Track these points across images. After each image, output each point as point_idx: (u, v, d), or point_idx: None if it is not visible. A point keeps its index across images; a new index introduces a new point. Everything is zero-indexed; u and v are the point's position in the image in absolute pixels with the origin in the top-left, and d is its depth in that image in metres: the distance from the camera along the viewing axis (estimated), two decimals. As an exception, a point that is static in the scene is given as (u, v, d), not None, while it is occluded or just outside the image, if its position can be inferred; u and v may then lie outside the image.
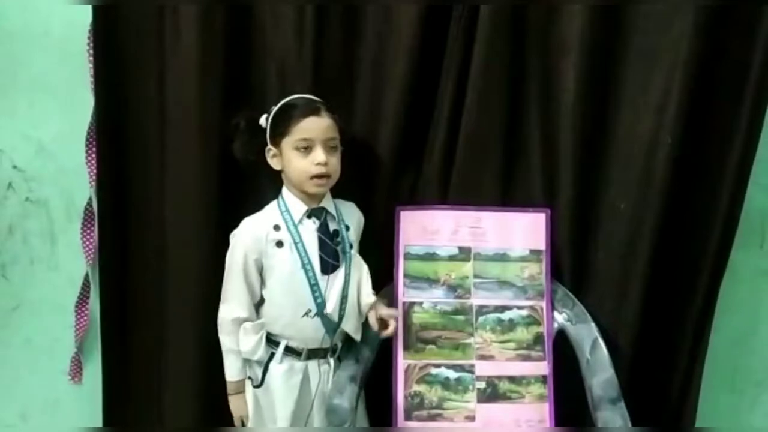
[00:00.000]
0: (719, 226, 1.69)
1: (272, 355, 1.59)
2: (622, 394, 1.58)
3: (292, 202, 1.58)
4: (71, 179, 1.78)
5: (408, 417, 1.64)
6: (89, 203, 1.77)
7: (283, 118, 1.55)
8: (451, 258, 1.69)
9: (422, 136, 1.71)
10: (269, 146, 1.57)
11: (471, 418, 1.64)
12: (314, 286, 1.55)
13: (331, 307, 1.56)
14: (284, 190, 1.60)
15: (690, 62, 1.59)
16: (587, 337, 1.64)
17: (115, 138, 1.72)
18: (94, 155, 1.73)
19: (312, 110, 1.54)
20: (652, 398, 1.76)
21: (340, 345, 1.63)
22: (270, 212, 1.59)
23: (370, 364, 1.63)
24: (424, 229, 1.69)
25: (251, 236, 1.56)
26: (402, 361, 1.65)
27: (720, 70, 1.62)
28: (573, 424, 1.65)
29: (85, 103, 1.70)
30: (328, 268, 1.57)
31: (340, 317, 1.58)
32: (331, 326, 1.58)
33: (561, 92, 1.66)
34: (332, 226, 1.59)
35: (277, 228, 1.56)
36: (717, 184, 1.68)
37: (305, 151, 1.53)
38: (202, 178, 1.68)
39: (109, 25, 1.66)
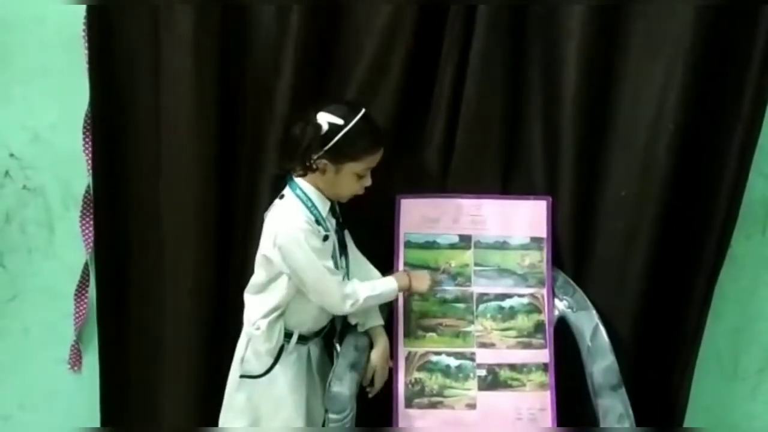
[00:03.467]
0: (721, 214, 1.69)
1: (282, 346, 1.57)
2: (623, 380, 1.57)
3: (316, 198, 1.55)
4: (68, 167, 1.77)
5: (408, 404, 1.63)
6: (88, 191, 1.76)
7: (358, 146, 1.51)
8: (452, 246, 1.68)
9: (422, 124, 1.70)
10: (324, 160, 1.51)
11: (472, 406, 1.63)
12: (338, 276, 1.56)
13: None
14: (306, 186, 1.55)
15: (692, 49, 1.58)
16: (588, 325, 1.63)
17: (112, 125, 1.72)
18: (91, 143, 1.72)
19: (382, 143, 1.54)
20: (653, 385, 1.75)
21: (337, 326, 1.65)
22: (297, 208, 1.54)
23: (370, 352, 1.61)
24: (424, 218, 1.68)
25: (304, 233, 1.49)
26: (402, 349, 1.64)
27: (722, 57, 1.61)
28: (574, 411, 1.65)
29: (81, 90, 1.69)
30: (343, 258, 1.59)
31: None
32: None
33: (562, 80, 1.64)
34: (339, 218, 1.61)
35: (318, 223, 1.54)
36: (719, 171, 1.67)
37: (362, 177, 1.54)
38: (199, 166, 1.67)
39: (104, 13, 1.65)
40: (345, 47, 1.66)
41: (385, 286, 1.57)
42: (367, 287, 1.55)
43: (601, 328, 1.62)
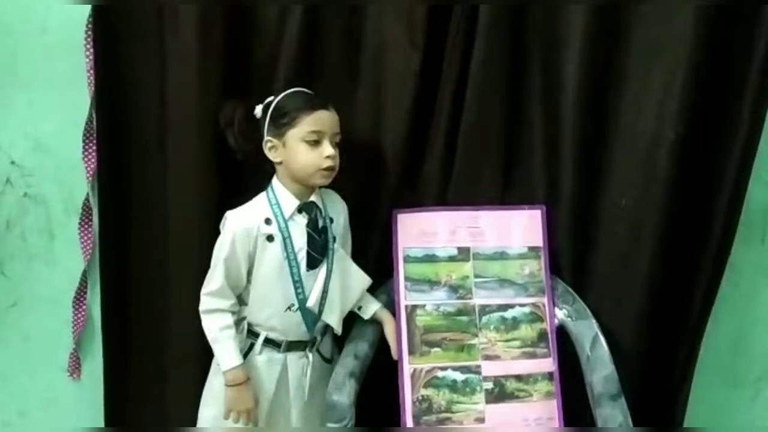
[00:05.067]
0: (721, 222, 1.68)
1: (251, 345, 1.59)
2: (623, 390, 1.57)
3: (283, 195, 1.56)
4: (69, 175, 1.78)
5: (417, 422, 1.62)
6: (87, 199, 1.76)
7: (290, 110, 1.53)
8: (451, 259, 1.67)
9: (423, 134, 1.70)
10: (268, 138, 1.55)
11: (481, 420, 1.62)
12: (297, 283, 1.55)
13: (313, 301, 1.56)
14: (276, 183, 1.58)
15: (692, 56, 1.58)
16: (587, 334, 1.63)
17: (114, 133, 1.72)
18: (91, 151, 1.73)
19: (322, 104, 1.54)
20: (653, 394, 1.75)
21: (320, 338, 1.64)
22: (260, 205, 1.57)
23: (369, 361, 1.62)
24: (422, 232, 1.68)
25: (243, 228, 1.53)
26: (408, 366, 1.63)
27: (722, 62, 1.61)
28: (576, 420, 1.64)
29: (83, 98, 1.70)
30: (314, 263, 1.57)
31: (320, 311, 1.58)
32: (312, 320, 1.58)
33: (562, 88, 1.65)
34: (320, 221, 1.59)
35: (268, 222, 1.55)
36: (719, 179, 1.67)
37: (314, 145, 1.52)
38: (202, 173, 1.68)
39: (107, 20, 1.65)
40: (347, 48, 1.67)
41: (223, 359, 1.55)
42: (224, 338, 1.54)
43: (601, 338, 1.62)
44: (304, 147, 1.52)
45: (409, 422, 1.61)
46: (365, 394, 1.60)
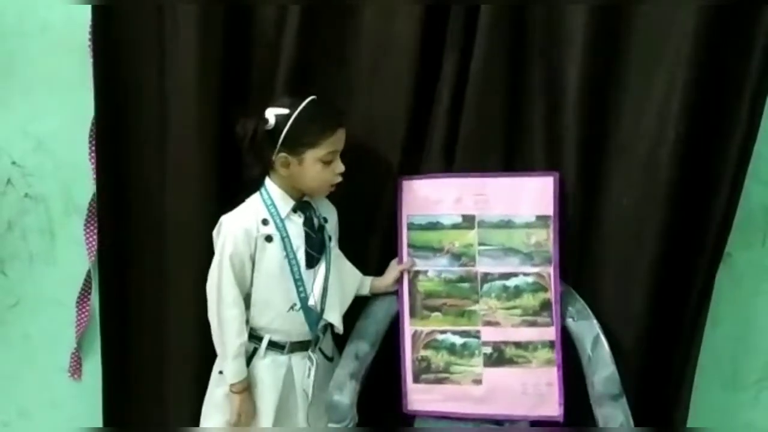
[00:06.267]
0: (718, 221, 1.68)
1: (254, 350, 1.59)
2: (624, 390, 1.57)
3: (278, 196, 1.56)
4: (70, 175, 1.79)
5: (416, 380, 1.66)
6: (93, 199, 1.76)
7: (311, 130, 1.51)
8: (455, 226, 1.67)
9: (422, 136, 1.70)
10: (283, 154, 1.52)
11: (478, 382, 1.64)
12: (298, 281, 1.56)
13: (314, 299, 1.57)
14: (269, 184, 1.57)
15: (692, 55, 1.58)
16: (589, 334, 1.63)
17: (117, 134, 1.73)
18: (95, 149, 1.73)
19: (339, 123, 1.53)
20: (654, 394, 1.75)
21: (322, 337, 1.64)
22: (255, 206, 1.57)
23: (371, 361, 1.62)
24: (426, 199, 1.68)
25: (242, 231, 1.53)
26: (408, 328, 1.66)
27: (722, 63, 1.61)
28: (577, 419, 1.64)
29: (84, 98, 1.70)
30: (313, 261, 1.57)
31: (322, 309, 1.58)
32: (314, 319, 1.58)
33: (563, 88, 1.65)
34: (315, 220, 1.59)
35: (265, 222, 1.55)
36: (719, 179, 1.66)
37: (329, 163, 1.52)
38: (203, 173, 1.68)
39: (107, 20, 1.67)
40: (346, 49, 1.67)
41: (231, 373, 1.56)
42: (234, 355, 1.54)
43: (602, 338, 1.62)
44: (321, 166, 1.52)
45: (410, 380, 1.65)
46: (366, 394, 1.60)
